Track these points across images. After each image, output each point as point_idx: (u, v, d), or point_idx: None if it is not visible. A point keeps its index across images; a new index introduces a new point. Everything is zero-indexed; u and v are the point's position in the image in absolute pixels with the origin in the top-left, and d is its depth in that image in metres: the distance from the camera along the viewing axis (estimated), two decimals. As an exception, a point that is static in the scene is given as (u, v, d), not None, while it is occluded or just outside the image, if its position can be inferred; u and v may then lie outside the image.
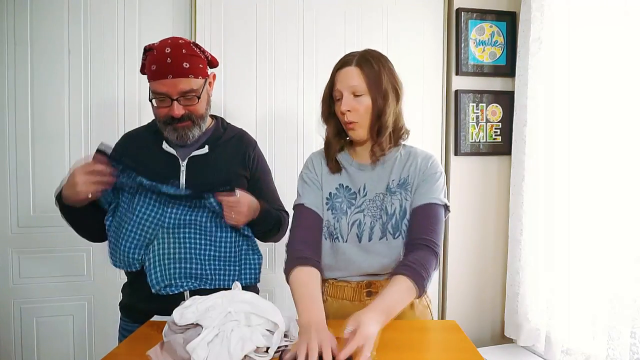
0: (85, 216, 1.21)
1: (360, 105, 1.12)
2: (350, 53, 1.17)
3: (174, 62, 1.15)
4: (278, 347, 0.91)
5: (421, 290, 1.02)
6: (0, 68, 1.88)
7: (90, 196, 1.11)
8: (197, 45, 1.22)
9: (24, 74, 1.91)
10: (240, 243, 1.29)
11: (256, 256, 1.30)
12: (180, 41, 1.19)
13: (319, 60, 2.12)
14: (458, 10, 2.21)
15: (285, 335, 0.96)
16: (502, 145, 2.28)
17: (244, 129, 1.43)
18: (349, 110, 1.12)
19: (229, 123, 1.39)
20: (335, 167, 1.21)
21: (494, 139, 2.28)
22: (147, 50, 1.21)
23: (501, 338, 2.27)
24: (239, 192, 1.20)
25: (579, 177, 1.80)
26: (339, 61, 1.17)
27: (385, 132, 1.14)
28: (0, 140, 1.90)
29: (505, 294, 2.21)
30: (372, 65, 1.13)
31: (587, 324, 1.74)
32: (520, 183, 2.08)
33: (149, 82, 1.20)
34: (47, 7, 1.91)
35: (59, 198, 1.17)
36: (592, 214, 1.73)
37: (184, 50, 1.17)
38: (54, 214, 1.23)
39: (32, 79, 1.91)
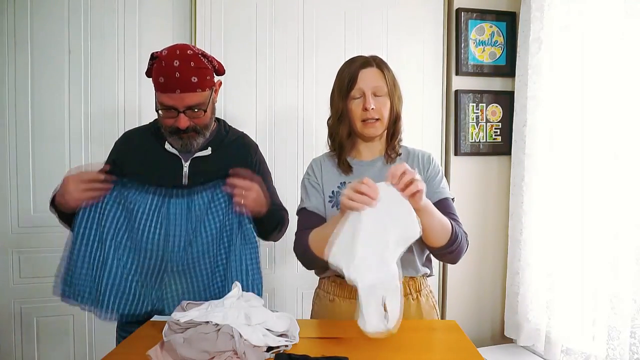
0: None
1: (382, 105, 1.19)
2: (362, 55, 1.23)
3: (182, 77, 1.13)
4: (277, 347, 0.91)
5: (454, 236, 1.08)
6: (0, 68, 1.88)
7: (82, 204, 1.13)
8: (204, 55, 1.20)
9: (24, 74, 1.91)
10: (244, 260, 1.24)
11: (257, 273, 1.25)
12: (188, 52, 1.16)
13: (319, 61, 2.12)
14: (458, 10, 2.21)
15: (285, 335, 0.96)
16: (502, 145, 2.28)
17: (243, 128, 1.43)
18: (373, 108, 1.16)
19: (230, 126, 1.39)
20: (347, 168, 1.24)
21: (494, 139, 2.28)
22: (154, 57, 1.18)
23: (501, 338, 2.27)
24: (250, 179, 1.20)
25: (578, 177, 1.80)
26: (356, 61, 1.20)
27: (398, 135, 1.23)
28: (1, 140, 1.90)
29: (505, 294, 2.21)
30: (389, 69, 1.21)
31: (587, 324, 1.74)
32: (520, 183, 2.08)
33: (156, 92, 1.19)
34: (47, 7, 1.91)
35: (53, 204, 1.18)
36: (592, 214, 1.73)
37: (192, 63, 1.15)
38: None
39: (32, 79, 1.91)
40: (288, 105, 2.12)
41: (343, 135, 1.21)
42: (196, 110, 1.18)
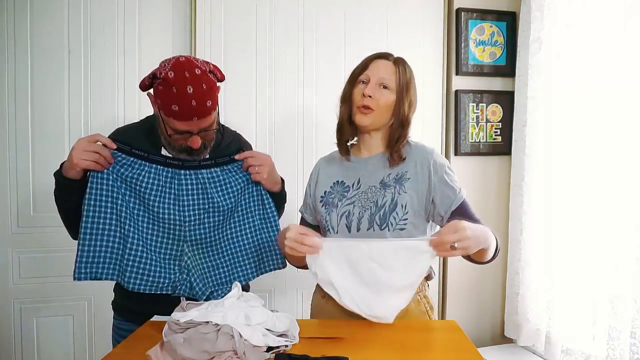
0: (73, 202, 1.16)
1: (382, 97, 1.17)
2: (386, 52, 1.24)
3: (198, 104, 1.09)
4: (277, 347, 0.91)
5: (497, 246, 1.13)
6: (0, 68, 1.88)
7: (83, 166, 1.10)
8: (211, 71, 1.15)
9: (24, 74, 1.91)
10: (260, 228, 1.28)
11: (276, 238, 1.28)
12: (196, 71, 1.10)
13: (319, 61, 2.12)
14: (458, 10, 2.21)
15: (285, 335, 0.96)
16: (502, 145, 2.28)
17: (243, 132, 1.43)
18: (369, 96, 1.16)
19: (224, 126, 1.38)
20: (344, 150, 1.27)
21: (494, 139, 2.28)
22: (158, 77, 1.10)
23: (501, 338, 2.27)
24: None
25: (578, 177, 1.80)
26: (373, 54, 1.23)
27: (404, 140, 1.20)
28: (1, 140, 1.90)
29: (505, 294, 2.21)
30: (406, 70, 1.20)
31: (587, 324, 1.74)
32: (520, 183, 2.08)
33: (165, 116, 1.12)
34: (47, 7, 1.91)
35: (57, 172, 1.15)
36: (592, 214, 1.73)
37: (204, 85, 1.10)
38: (54, 214, 1.23)
39: (32, 79, 1.91)
40: (288, 106, 2.11)
41: (343, 117, 1.23)
42: (208, 130, 1.17)
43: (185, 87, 1.07)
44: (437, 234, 1.01)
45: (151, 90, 1.15)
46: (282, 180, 1.35)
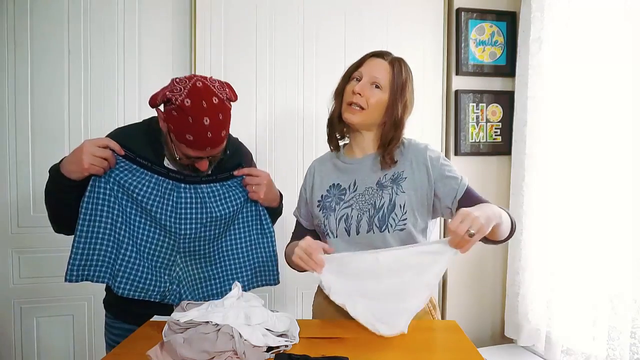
0: (71, 199, 1.14)
1: (373, 96, 1.16)
2: (384, 50, 1.23)
3: (214, 135, 1.07)
4: (277, 347, 0.91)
5: (513, 223, 1.12)
6: (1, 68, 1.88)
7: (93, 171, 1.08)
8: (228, 98, 1.12)
9: (24, 74, 1.91)
10: (256, 244, 1.28)
11: (272, 254, 1.29)
12: (214, 100, 1.06)
13: (319, 62, 2.12)
14: (458, 10, 2.21)
15: (285, 335, 0.96)
16: (502, 145, 2.28)
17: (242, 135, 1.43)
18: (359, 94, 1.15)
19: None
20: (335, 144, 1.28)
21: (494, 139, 2.28)
22: (173, 102, 1.05)
23: (501, 338, 2.27)
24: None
25: (579, 177, 1.80)
26: (370, 52, 1.22)
27: (397, 142, 1.18)
28: (0, 140, 1.90)
29: (505, 294, 2.21)
30: (402, 70, 1.18)
31: (587, 324, 1.74)
32: (520, 183, 2.08)
33: (177, 141, 1.09)
34: (47, 7, 1.91)
35: (55, 170, 1.13)
36: (592, 214, 1.73)
37: (220, 116, 1.07)
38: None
39: (32, 79, 1.91)
40: (288, 106, 2.11)
41: (334, 113, 1.23)
42: (218, 155, 1.17)
43: (202, 118, 1.04)
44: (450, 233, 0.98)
45: (161, 107, 1.11)
46: (281, 195, 1.34)
